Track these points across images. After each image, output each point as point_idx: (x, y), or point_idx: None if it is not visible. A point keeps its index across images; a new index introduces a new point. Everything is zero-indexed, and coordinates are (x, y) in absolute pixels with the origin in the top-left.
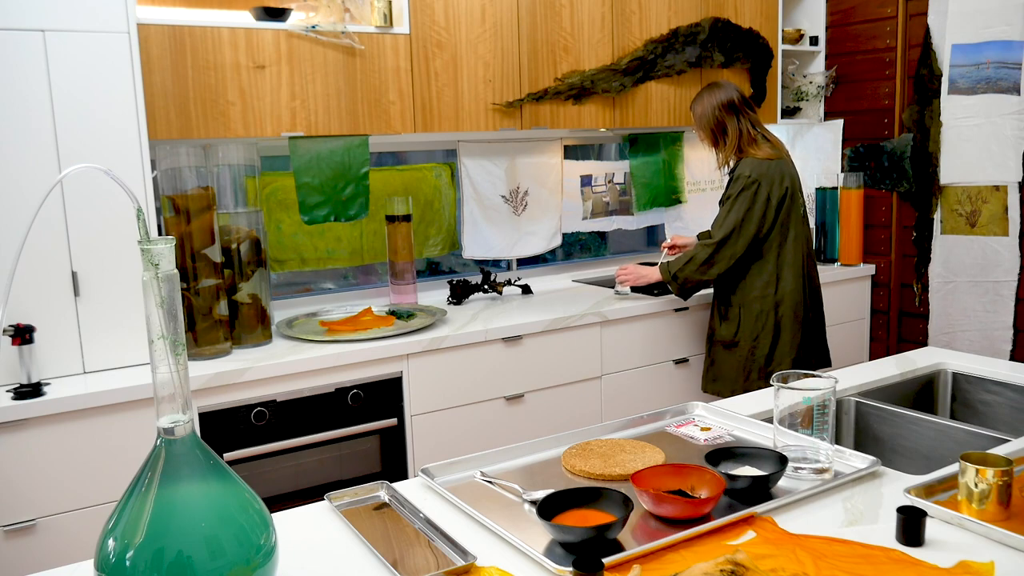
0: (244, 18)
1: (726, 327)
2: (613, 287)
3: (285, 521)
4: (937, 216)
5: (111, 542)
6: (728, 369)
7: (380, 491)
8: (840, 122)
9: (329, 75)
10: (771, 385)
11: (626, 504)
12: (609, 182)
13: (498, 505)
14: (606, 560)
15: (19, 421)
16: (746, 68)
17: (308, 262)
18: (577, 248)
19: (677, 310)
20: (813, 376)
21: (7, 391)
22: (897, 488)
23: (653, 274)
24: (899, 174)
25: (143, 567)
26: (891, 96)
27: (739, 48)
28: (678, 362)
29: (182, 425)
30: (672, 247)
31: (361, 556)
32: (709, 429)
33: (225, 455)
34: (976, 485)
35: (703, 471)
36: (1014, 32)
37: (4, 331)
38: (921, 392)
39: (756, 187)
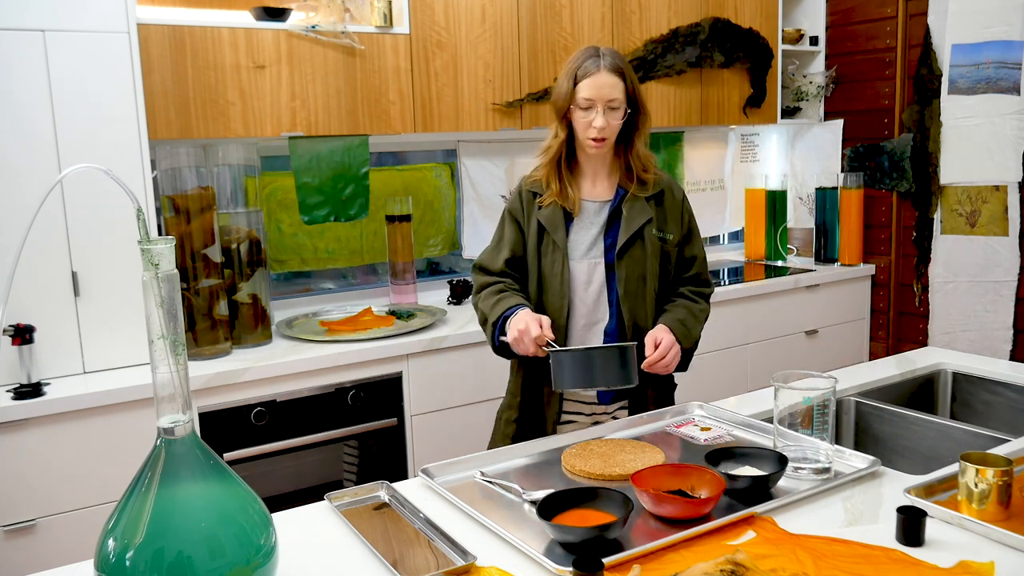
0: (244, 18)
1: None
2: None
3: (285, 521)
4: (937, 216)
5: (111, 542)
6: None
7: (380, 491)
8: (840, 122)
9: (329, 75)
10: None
11: (626, 504)
12: None
13: (498, 505)
14: (606, 560)
15: (19, 421)
16: (746, 68)
17: (308, 262)
18: None
19: None
20: (813, 376)
21: (7, 391)
22: (897, 488)
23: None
24: (899, 174)
25: (143, 567)
26: (891, 96)
27: (739, 48)
28: None
29: (182, 425)
30: None
31: (361, 556)
32: (709, 429)
33: (225, 455)
34: (976, 485)
35: (703, 471)
36: (1014, 32)
37: (4, 331)
38: (921, 392)
39: None
